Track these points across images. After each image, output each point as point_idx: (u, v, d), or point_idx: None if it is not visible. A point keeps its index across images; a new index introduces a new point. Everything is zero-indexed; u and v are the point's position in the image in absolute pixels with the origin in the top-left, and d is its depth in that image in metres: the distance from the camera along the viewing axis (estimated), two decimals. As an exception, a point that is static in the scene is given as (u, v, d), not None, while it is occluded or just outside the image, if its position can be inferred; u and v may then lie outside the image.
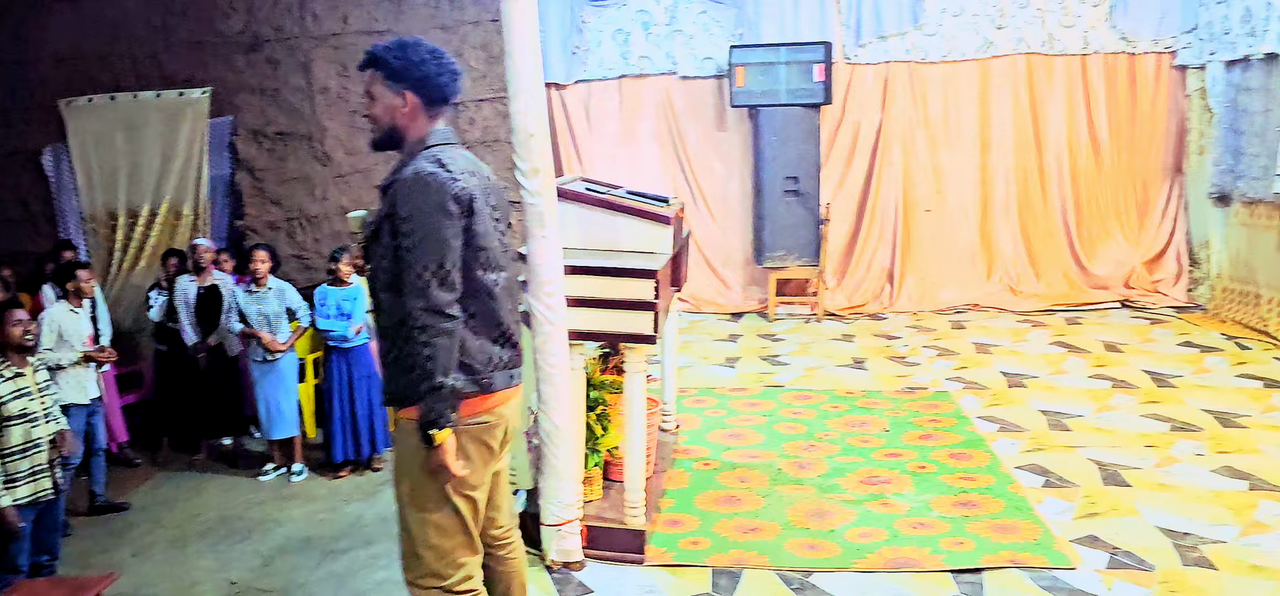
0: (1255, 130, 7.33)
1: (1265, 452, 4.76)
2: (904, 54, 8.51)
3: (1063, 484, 4.47)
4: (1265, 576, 3.53)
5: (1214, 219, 8.06)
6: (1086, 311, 8.27)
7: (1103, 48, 8.40)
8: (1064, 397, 5.81)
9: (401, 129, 2.59)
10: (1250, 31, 7.24)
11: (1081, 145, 8.56)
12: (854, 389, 6.14)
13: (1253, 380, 6.06)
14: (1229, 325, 7.55)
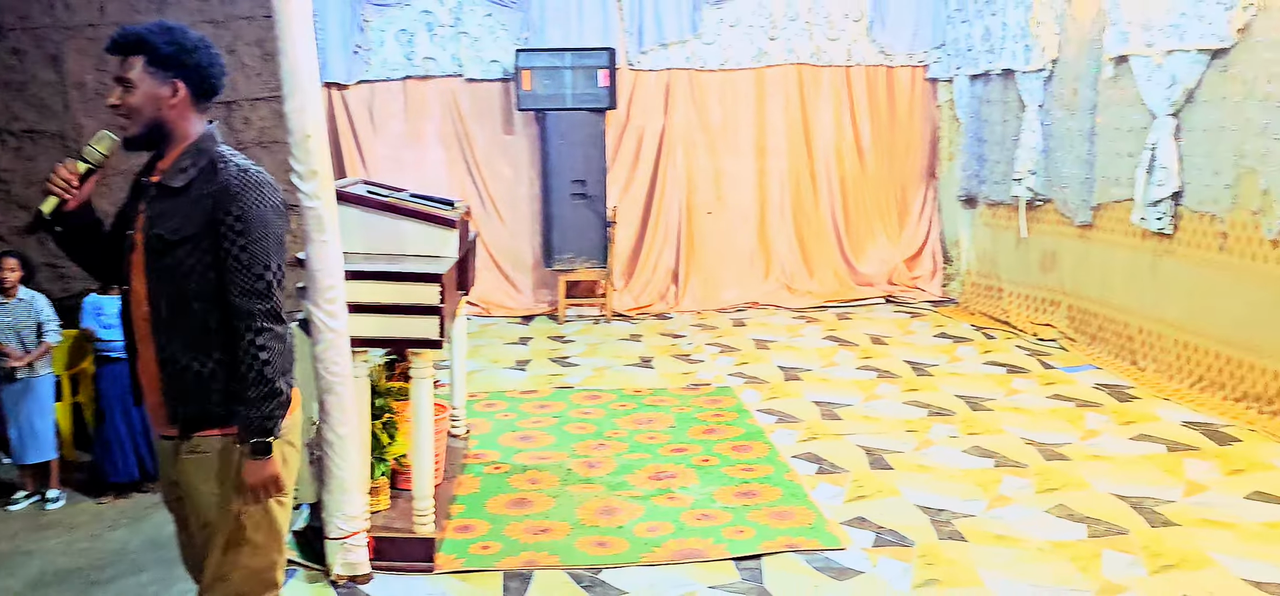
0: (996, 139, 8.06)
1: (1008, 432, 5.25)
2: (684, 62, 8.80)
3: (834, 470, 4.76)
4: (1007, 544, 3.89)
5: (963, 220, 8.80)
6: (855, 307, 8.82)
7: (864, 60, 9.00)
8: (835, 389, 6.18)
9: (168, 124, 2.35)
10: (990, 49, 7.96)
11: (847, 151, 9.14)
12: (642, 387, 6.30)
13: (998, 367, 6.66)
14: (977, 316, 8.26)
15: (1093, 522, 4.08)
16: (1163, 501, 4.28)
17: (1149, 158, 6.07)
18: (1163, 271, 6.20)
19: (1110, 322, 6.74)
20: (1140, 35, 6.12)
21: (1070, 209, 7.11)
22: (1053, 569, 3.68)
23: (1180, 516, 4.12)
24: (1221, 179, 5.61)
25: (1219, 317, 5.71)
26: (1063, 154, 7.17)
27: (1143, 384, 6.09)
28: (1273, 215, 5.26)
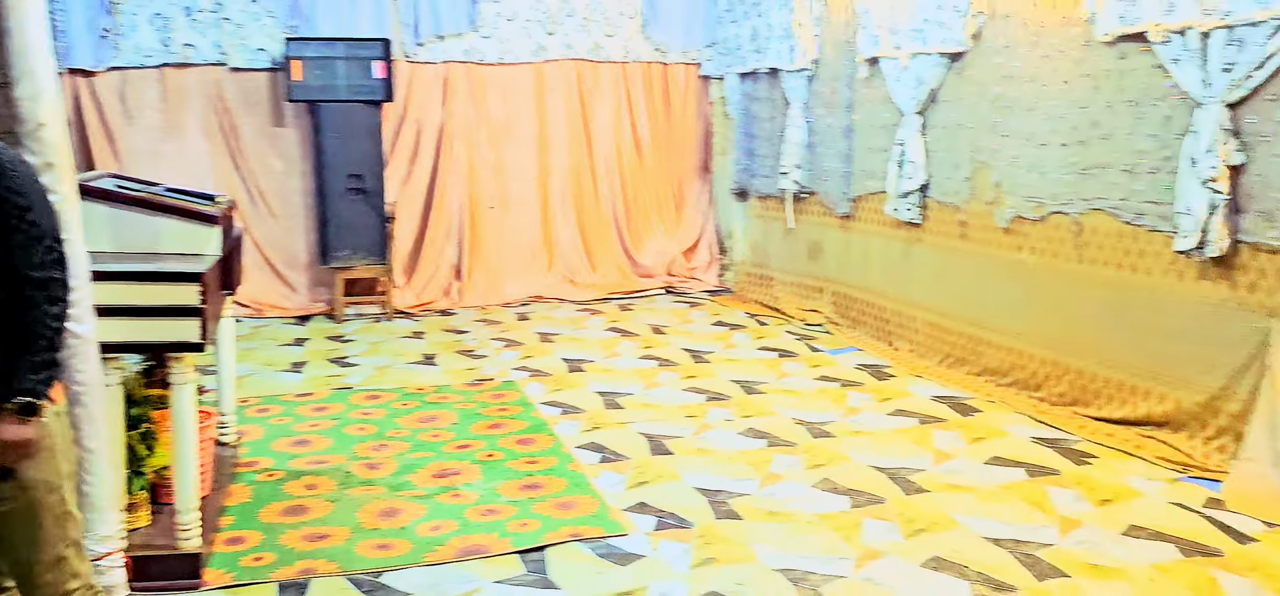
0: (765, 135, 8.47)
1: (778, 414, 5.53)
2: (463, 55, 8.70)
3: (617, 458, 4.87)
4: (779, 520, 4.11)
5: (736, 212, 9.19)
6: (636, 298, 9.03)
7: (640, 57, 9.22)
8: (618, 379, 6.31)
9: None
10: (757, 49, 8.34)
11: (626, 146, 9.33)
12: (424, 385, 6.19)
13: (770, 351, 7.00)
14: (751, 304, 8.65)
15: (855, 494, 4.37)
16: (915, 470, 4.64)
17: (899, 153, 6.56)
18: (914, 258, 6.72)
19: (869, 307, 7.23)
20: (889, 39, 6.60)
21: (832, 201, 7.57)
22: (819, 539, 3.92)
23: (930, 483, 4.48)
24: (961, 172, 6.15)
25: (962, 300, 6.25)
26: (825, 149, 7.62)
27: (898, 363, 6.58)
28: (1003, 206, 5.81)
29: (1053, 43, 5.39)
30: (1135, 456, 4.74)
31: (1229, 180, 4.42)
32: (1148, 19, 4.71)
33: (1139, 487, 4.39)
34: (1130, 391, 5.07)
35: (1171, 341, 4.84)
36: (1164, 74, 4.71)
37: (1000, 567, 3.65)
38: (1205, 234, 4.50)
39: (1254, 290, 4.44)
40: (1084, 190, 5.25)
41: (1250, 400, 4.43)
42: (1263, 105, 4.32)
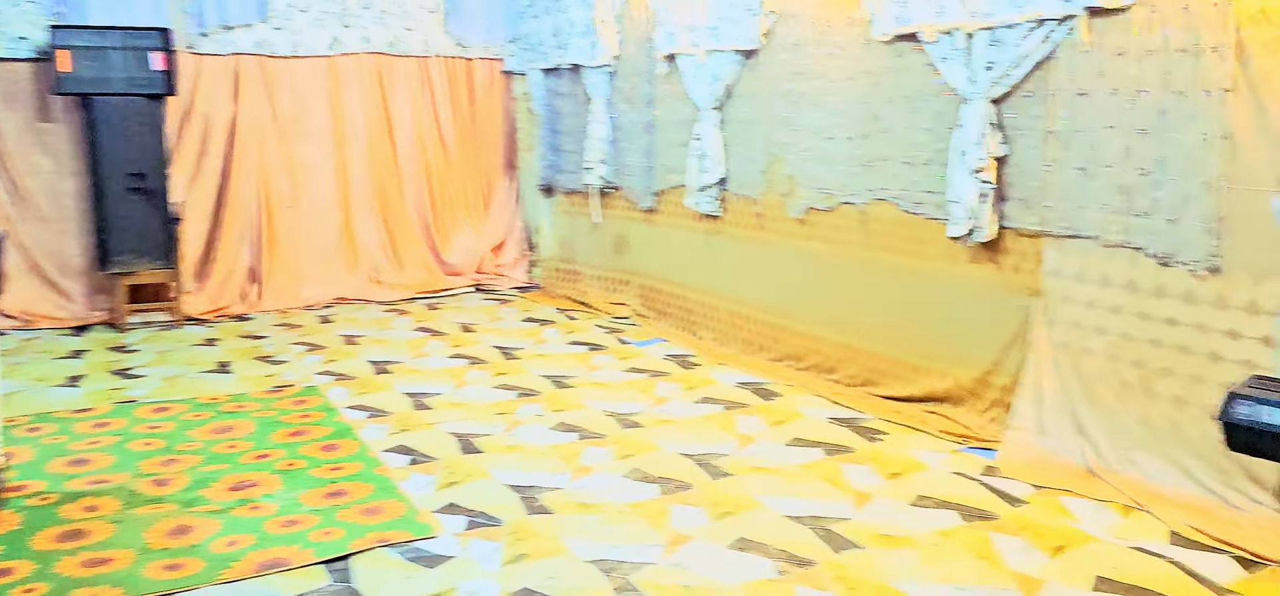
0: (569, 130, 8.51)
1: (589, 406, 5.58)
2: (253, 47, 8.31)
3: (426, 459, 4.78)
4: (590, 511, 4.15)
5: (543, 208, 9.19)
6: (445, 297, 8.89)
7: (442, 51, 9.07)
8: (426, 379, 6.20)
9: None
10: (559, 45, 8.36)
11: (430, 142, 9.16)
12: (219, 394, 5.88)
13: (580, 345, 7.05)
14: (560, 299, 8.68)
15: (664, 481, 4.46)
16: (721, 455, 4.79)
17: (698, 148, 6.75)
18: (714, 250, 6.93)
19: (674, 298, 7.41)
20: (686, 36, 6.77)
21: (636, 195, 7.70)
22: (629, 528, 3.98)
23: (735, 467, 4.64)
24: (756, 166, 6.39)
25: (760, 288, 6.50)
26: (628, 145, 7.74)
27: (703, 351, 6.77)
28: (796, 197, 6.08)
29: (837, 41, 5.68)
30: (921, 431, 5.07)
31: (994, 170, 4.79)
32: (920, 20, 5.04)
33: (925, 460, 4.69)
34: (914, 370, 5.42)
35: (949, 322, 5.20)
36: (935, 72, 5.05)
37: (801, 544, 3.82)
38: (975, 221, 4.85)
39: (1017, 271, 4.84)
40: (869, 181, 5.56)
41: (1017, 373, 4.82)
42: (1020, 101, 4.71)
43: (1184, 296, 4.10)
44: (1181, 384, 4.13)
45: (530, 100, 9.10)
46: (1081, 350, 4.53)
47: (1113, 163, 4.32)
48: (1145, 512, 4.03)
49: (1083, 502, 4.17)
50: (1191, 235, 4.04)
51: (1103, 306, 4.42)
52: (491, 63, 9.33)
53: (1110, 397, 4.41)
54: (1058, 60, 4.51)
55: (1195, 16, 3.95)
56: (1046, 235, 4.65)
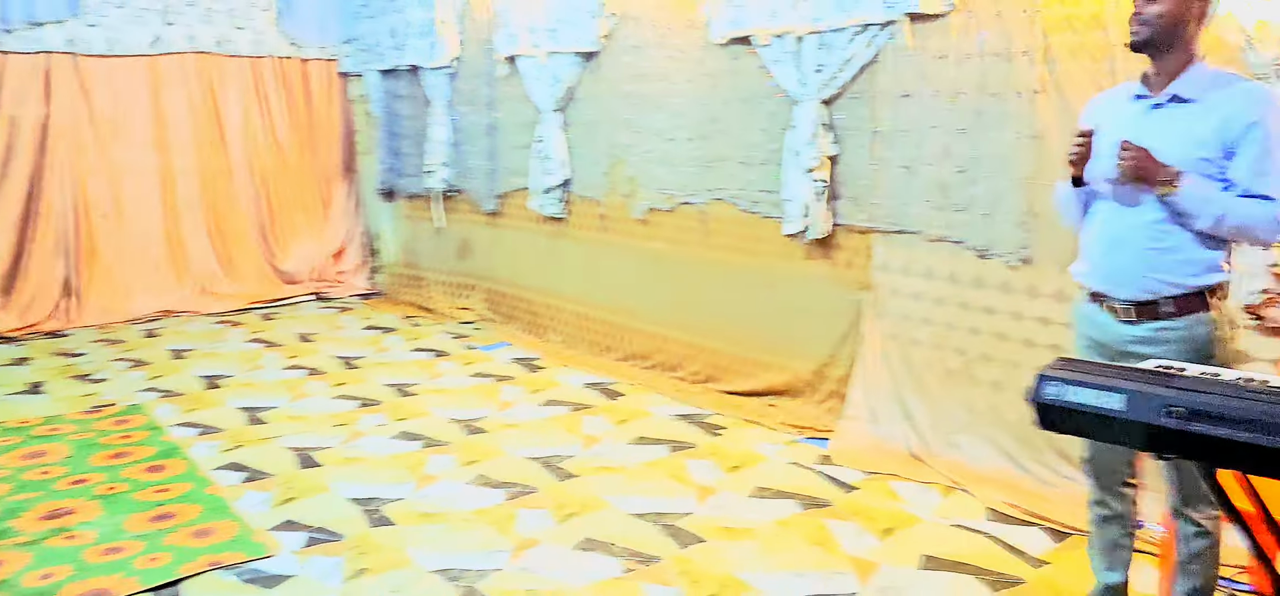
0: (409, 133, 8.35)
1: (433, 414, 5.49)
2: (65, 45, 7.79)
3: (261, 476, 4.59)
4: (434, 520, 4.08)
5: (385, 213, 8.98)
6: (282, 306, 8.57)
7: (275, 51, 8.74)
8: (261, 392, 5.96)
9: None
10: (397, 46, 8.19)
11: (264, 145, 8.81)
12: (30, 418, 5.49)
13: (424, 352, 6.92)
14: (403, 306, 8.51)
15: (510, 486, 4.43)
16: (567, 457, 4.79)
17: (541, 150, 6.73)
18: (559, 252, 6.93)
19: (520, 301, 7.37)
20: (527, 37, 6.74)
21: (479, 198, 7.62)
22: (476, 536, 3.94)
23: (581, 468, 4.65)
24: (598, 167, 6.43)
25: (605, 289, 6.54)
26: (470, 147, 7.65)
27: (549, 354, 6.75)
28: (638, 198, 6.14)
29: (676, 44, 5.77)
30: (761, 424, 5.20)
31: (826, 169, 4.97)
32: (753, 24, 5.17)
33: (764, 452, 4.82)
34: (754, 365, 5.56)
35: (786, 317, 5.36)
36: (768, 74, 5.20)
37: (647, 541, 3.86)
38: (808, 218, 5.02)
39: (850, 267, 5.03)
40: (708, 181, 5.67)
41: (850, 365, 5.01)
42: (849, 102, 4.90)
43: (1000, 287, 4.35)
44: (999, 369, 4.38)
45: (368, 102, 8.86)
46: (909, 340, 4.74)
47: (934, 161, 4.55)
48: (965, 492, 4.25)
49: (909, 485, 4.37)
50: (1005, 229, 4.29)
51: (928, 298, 4.65)
52: (328, 63, 9.05)
53: (935, 384, 4.64)
54: (882, 63, 4.72)
55: (1007, 23, 4.20)
56: (875, 231, 4.86)
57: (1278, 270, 3.38)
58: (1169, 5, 2.56)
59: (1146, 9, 2.58)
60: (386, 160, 8.69)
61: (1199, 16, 2.61)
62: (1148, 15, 2.58)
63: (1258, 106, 2.52)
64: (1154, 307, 2.64)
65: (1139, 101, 2.70)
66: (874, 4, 4.62)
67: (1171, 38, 2.59)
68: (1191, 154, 2.56)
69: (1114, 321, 2.72)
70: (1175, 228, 2.58)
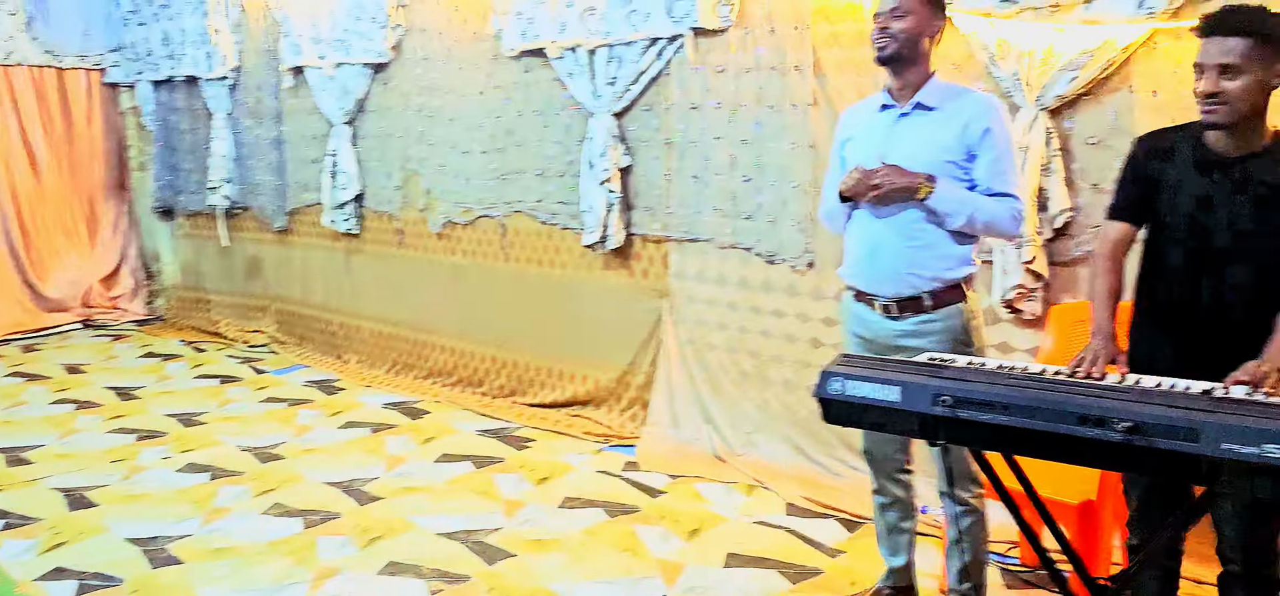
0: (187, 148, 7.88)
1: (223, 443, 5.20)
2: None
3: (25, 521, 4.22)
4: (226, 556, 3.87)
5: (162, 232, 8.44)
6: (45, 336, 7.90)
7: (27, 60, 8.03)
8: (23, 430, 5.47)
9: None
10: (171, 55, 7.72)
11: (18, 162, 8.07)
12: None
13: (210, 379, 6.55)
14: (186, 331, 8.02)
15: (308, 514, 4.26)
16: (369, 480, 4.65)
17: (332, 164, 6.51)
18: (355, 269, 6.72)
19: (315, 322, 7.10)
20: (312, 48, 6.51)
21: (267, 215, 7.28)
22: (272, 568, 3.76)
23: (384, 490, 4.52)
24: (393, 181, 6.29)
25: (405, 306, 6.40)
26: (255, 162, 7.31)
27: (348, 375, 6.54)
28: (435, 212, 6.05)
29: (467, 56, 5.73)
30: (567, 434, 5.23)
31: (620, 181, 5.05)
32: (545, 37, 5.20)
33: (571, 463, 4.85)
34: (559, 376, 5.58)
35: (588, 327, 5.41)
36: (562, 86, 5.24)
37: (454, 560, 3.80)
38: (606, 229, 5.09)
39: (647, 276, 5.14)
40: (505, 194, 5.66)
41: (651, 371, 5.12)
42: (640, 114, 5.01)
43: (787, 290, 4.56)
44: (790, 369, 4.59)
45: (141, 114, 8.30)
46: (705, 345, 4.89)
47: (722, 171, 4.71)
48: (766, 489, 4.43)
49: (713, 486, 4.51)
50: (789, 234, 4.50)
51: (722, 303, 4.81)
52: (90, 73, 8.40)
53: (732, 387, 4.80)
54: (671, 76, 4.85)
55: (781, 39, 4.41)
56: (670, 240, 4.98)
57: (1031, 267, 3.70)
58: (911, 22, 2.78)
59: (893, 24, 2.80)
60: (163, 177, 8.15)
61: (934, 34, 2.86)
62: (894, 30, 2.79)
63: (989, 114, 2.79)
64: (916, 302, 2.85)
65: (886, 111, 2.93)
66: (660, 19, 4.75)
67: (914, 52, 2.82)
68: (939, 157, 2.79)
69: (880, 318, 2.92)
70: (930, 227, 2.80)
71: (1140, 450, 1.92)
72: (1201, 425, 1.86)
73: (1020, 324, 3.86)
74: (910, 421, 2.23)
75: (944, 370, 2.30)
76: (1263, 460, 1.78)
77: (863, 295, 2.97)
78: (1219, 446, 1.83)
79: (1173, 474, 1.94)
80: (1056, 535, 2.42)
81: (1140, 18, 3.40)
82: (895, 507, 3.17)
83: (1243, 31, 2.22)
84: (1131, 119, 3.50)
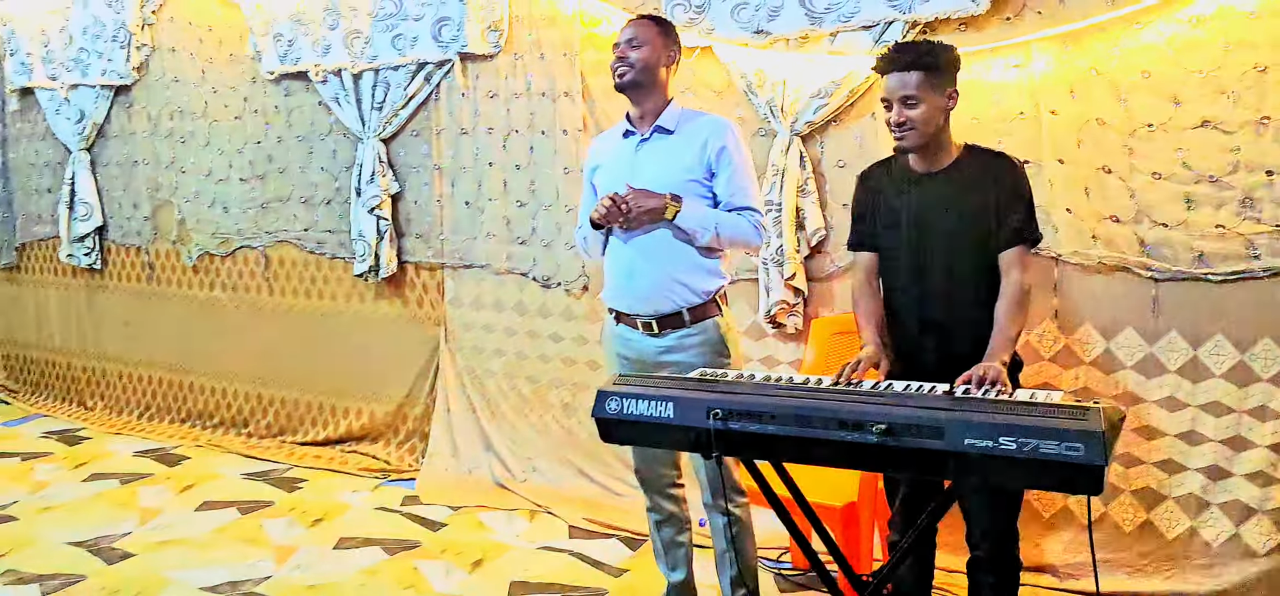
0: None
1: (-58, 509, 4.66)
2: None
3: None
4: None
5: None
6: None
7: None
8: None
9: None
10: None
11: None
12: None
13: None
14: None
15: (46, 579, 3.87)
16: (120, 536, 4.29)
17: (69, 193, 5.98)
18: (99, 307, 6.20)
19: (52, 367, 6.49)
20: (42, 69, 5.97)
21: (-8, 251, 6.61)
22: (4, 645, 3.40)
23: (137, 546, 4.18)
24: (141, 211, 5.85)
25: (157, 345, 5.96)
26: (-23, 192, 6.60)
27: (93, 423, 6.02)
28: (190, 243, 5.68)
29: (222, 78, 5.42)
30: (342, 472, 5.03)
31: (391, 207, 4.93)
32: (307, 60, 5.01)
33: (347, 501, 4.66)
34: (332, 412, 5.37)
35: (362, 359, 5.23)
36: (328, 111, 5.06)
37: (218, 616, 3.57)
38: (377, 257, 4.95)
39: (422, 304, 5.03)
40: (268, 223, 5.39)
41: (430, 402, 5.01)
42: (410, 140, 4.91)
43: (564, 314, 4.59)
44: (569, 392, 4.62)
45: None
46: (484, 372, 4.84)
47: (495, 196, 4.69)
48: (548, 514, 4.42)
49: (496, 515, 4.46)
50: (564, 258, 4.54)
51: (499, 329, 4.78)
52: None
53: (511, 413, 4.77)
54: (440, 101, 4.78)
55: (551, 65, 4.45)
56: (445, 267, 4.90)
57: (791, 284, 3.90)
58: (647, 52, 2.92)
59: (631, 53, 2.93)
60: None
61: (670, 63, 3.00)
62: (632, 59, 2.93)
63: (723, 133, 2.95)
64: (675, 318, 2.95)
65: (629, 138, 3.05)
66: (428, 44, 4.68)
67: (652, 80, 2.95)
68: (682, 177, 2.93)
69: (641, 336, 3.00)
70: (681, 245, 2.92)
71: (894, 450, 2.07)
72: (945, 423, 2.03)
73: (783, 338, 4.05)
74: (685, 436, 2.31)
75: (715, 385, 2.39)
76: (998, 452, 1.96)
77: (624, 316, 3.04)
78: (962, 442, 2.00)
79: (924, 470, 2.08)
80: (823, 537, 2.55)
81: (878, 50, 3.66)
82: (670, 523, 3.24)
83: (913, 66, 2.50)
84: (875, 143, 3.77)
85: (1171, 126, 3.30)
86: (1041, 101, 3.46)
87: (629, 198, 2.86)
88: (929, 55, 2.53)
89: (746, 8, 3.93)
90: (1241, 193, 3.21)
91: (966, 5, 3.52)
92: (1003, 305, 2.53)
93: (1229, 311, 3.27)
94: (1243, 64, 3.18)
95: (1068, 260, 3.49)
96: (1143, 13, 3.32)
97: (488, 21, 4.56)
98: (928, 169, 2.63)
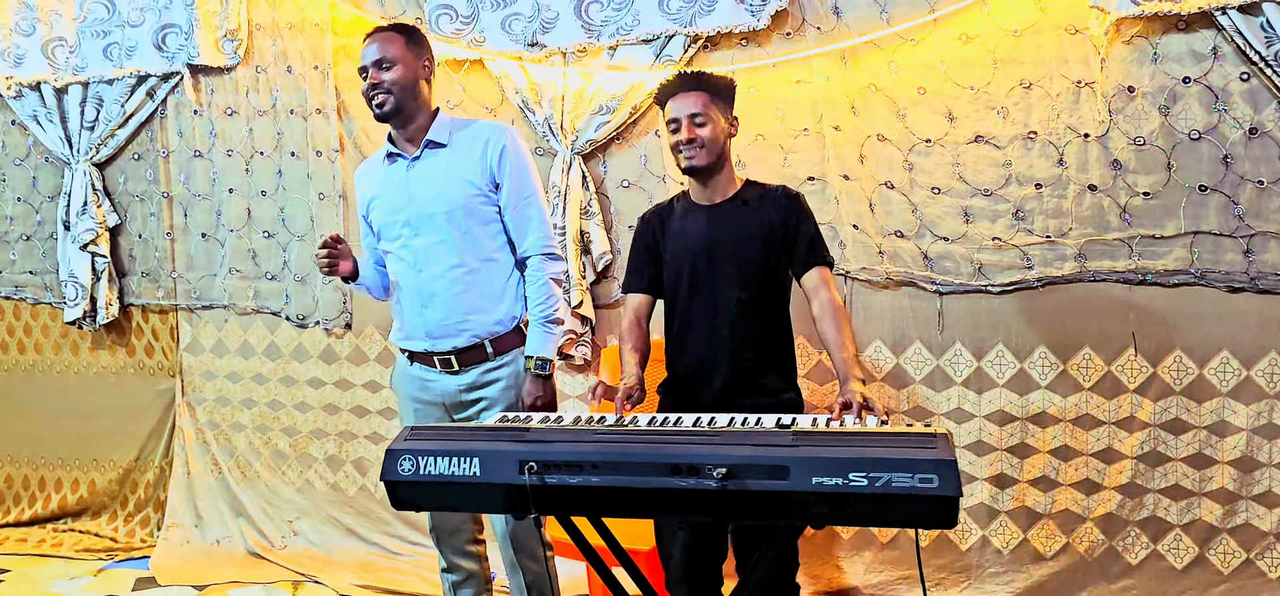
0: None
1: None
2: None
3: None
4: None
5: None
6: None
7: None
8: None
9: None
10: None
11: None
12: None
13: None
14: None
15: None
16: None
17: None
18: None
19: None
20: None
21: None
22: None
23: None
24: None
25: None
26: None
27: None
28: None
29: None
30: (55, 556, 4.26)
31: (108, 243, 4.26)
32: (-4, 72, 4.25)
33: (62, 591, 3.94)
34: (39, 486, 4.59)
35: (78, 421, 4.50)
36: (24, 131, 4.32)
37: None
38: (94, 301, 4.26)
39: (152, 353, 4.39)
40: (-50, 266, 4.53)
41: (166, 465, 4.37)
42: (131, 164, 4.27)
43: (324, 355, 4.12)
44: (334, 443, 4.14)
45: None
46: (231, 427, 4.26)
47: (238, 226, 4.15)
48: (315, 583, 3.92)
49: (251, 590, 3.90)
50: (323, 294, 4.07)
51: (247, 377, 4.23)
52: None
53: (266, 471, 4.23)
54: (168, 119, 4.19)
55: (300, 80, 3.99)
56: (180, 309, 4.29)
57: (579, 312, 3.65)
58: (402, 72, 2.64)
59: (384, 78, 2.64)
60: None
61: (428, 74, 2.74)
62: (387, 83, 2.64)
63: (503, 135, 2.71)
64: (477, 351, 2.67)
65: (396, 161, 2.74)
66: (148, 53, 4.08)
67: (414, 99, 2.68)
68: (464, 193, 2.65)
69: (440, 375, 2.69)
70: (477, 268, 2.65)
71: (736, 494, 1.85)
72: (790, 461, 1.83)
73: (571, 369, 3.80)
74: (495, 495, 1.99)
75: (525, 432, 2.07)
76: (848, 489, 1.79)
77: (418, 356, 2.71)
78: (810, 481, 1.81)
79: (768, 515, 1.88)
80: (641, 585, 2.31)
81: (659, 66, 3.50)
82: (469, 584, 2.90)
83: (700, 87, 2.52)
84: (661, 161, 3.61)
85: (948, 141, 3.34)
86: (825, 116, 3.42)
87: (538, 408, 2.64)
88: (710, 80, 2.54)
89: (519, 18, 3.66)
90: (1014, 205, 3.28)
91: (747, 20, 3.43)
92: (828, 326, 2.42)
93: (1008, 321, 3.34)
94: (1010, 80, 3.26)
95: (856, 276, 3.46)
96: (917, 29, 3.34)
97: (222, 29, 4.03)
98: (711, 200, 2.58)
